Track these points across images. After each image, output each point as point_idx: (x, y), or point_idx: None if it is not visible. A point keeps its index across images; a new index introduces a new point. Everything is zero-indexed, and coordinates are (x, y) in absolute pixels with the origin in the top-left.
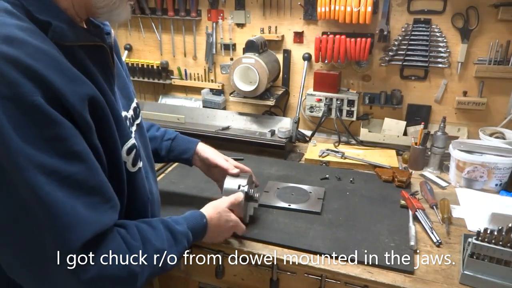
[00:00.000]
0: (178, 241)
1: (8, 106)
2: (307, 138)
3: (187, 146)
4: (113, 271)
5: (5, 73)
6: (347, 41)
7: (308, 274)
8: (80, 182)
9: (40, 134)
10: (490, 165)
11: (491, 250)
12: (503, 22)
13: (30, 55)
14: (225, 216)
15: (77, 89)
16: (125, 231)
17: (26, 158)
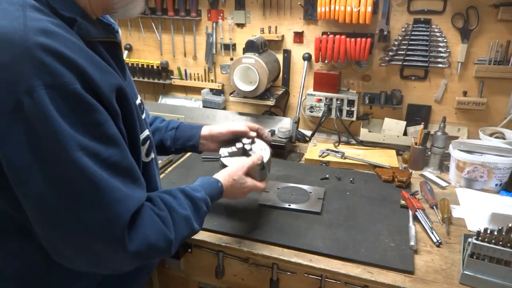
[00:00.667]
0: (198, 207)
1: (53, 94)
2: (307, 138)
3: (191, 132)
4: (153, 240)
5: (48, 63)
6: (347, 41)
7: (308, 274)
8: (116, 163)
9: (81, 120)
10: (490, 165)
11: (491, 250)
12: (503, 22)
13: (67, 47)
14: (240, 183)
15: (107, 79)
16: (151, 203)
17: (73, 141)
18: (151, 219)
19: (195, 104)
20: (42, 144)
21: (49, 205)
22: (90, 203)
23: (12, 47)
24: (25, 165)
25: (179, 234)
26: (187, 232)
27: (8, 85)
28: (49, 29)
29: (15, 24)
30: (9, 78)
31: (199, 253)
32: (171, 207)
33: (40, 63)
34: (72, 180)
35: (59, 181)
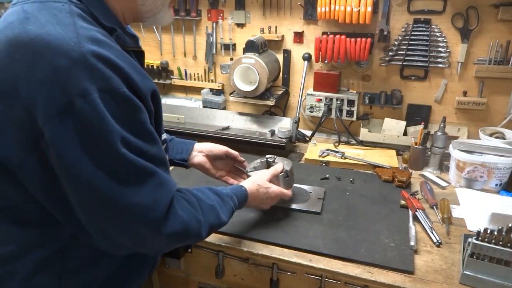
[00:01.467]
0: (225, 201)
1: (106, 97)
2: (307, 138)
3: (183, 146)
4: (187, 220)
5: (100, 69)
6: (347, 41)
7: (308, 274)
8: (155, 155)
9: (128, 119)
10: (490, 165)
11: (491, 250)
12: (503, 22)
13: (114, 55)
14: (264, 189)
15: (145, 83)
16: (179, 193)
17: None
18: (182, 203)
19: (195, 104)
20: (94, 141)
21: (98, 192)
22: (137, 187)
23: (68, 52)
24: (76, 160)
25: (207, 218)
26: (215, 220)
27: (62, 86)
28: (98, 38)
29: (68, 31)
30: (64, 80)
31: (199, 253)
32: (198, 196)
33: (94, 69)
34: (120, 170)
35: (108, 171)
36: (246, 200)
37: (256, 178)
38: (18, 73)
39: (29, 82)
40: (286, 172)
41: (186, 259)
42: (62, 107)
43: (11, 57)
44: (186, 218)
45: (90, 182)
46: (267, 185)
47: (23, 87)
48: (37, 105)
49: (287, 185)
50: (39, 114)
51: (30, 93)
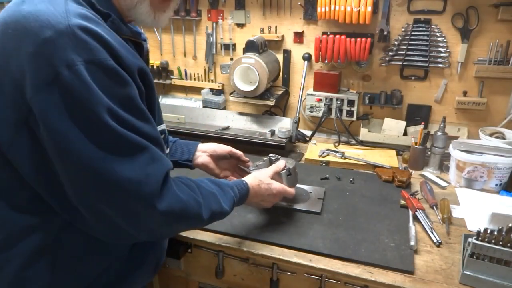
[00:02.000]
0: (225, 191)
1: (93, 68)
2: (307, 138)
3: (186, 147)
4: (184, 199)
5: (87, 41)
6: (347, 41)
7: (308, 274)
8: (147, 133)
9: (117, 92)
10: (490, 165)
11: (491, 250)
12: (503, 22)
13: (102, 30)
14: (265, 185)
15: (134, 61)
16: (178, 178)
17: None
18: (180, 185)
19: (195, 104)
20: (82, 112)
21: (88, 164)
22: (129, 160)
23: (55, 24)
24: (65, 131)
25: (207, 202)
26: (216, 206)
27: (49, 58)
28: (87, 15)
29: (57, 8)
30: (50, 52)
31: (199, 253)
32: (197, 183)
33: (80, 40)
34: (110, 142)
35: (97, 142)
36: (247, 195)
37: (258, 174)
38: (9, 48)
39: (18, 56)
40: (288, 169)
41: (186, 259)
42: (49, 79)
43: (3, 34)
44: (184, 198)
45: (80, 154)
46: (269, 181)
47: (13, 62)
48: (26, 79)
49: (290, 183)
50: (28, 87)
51: (19, 66)
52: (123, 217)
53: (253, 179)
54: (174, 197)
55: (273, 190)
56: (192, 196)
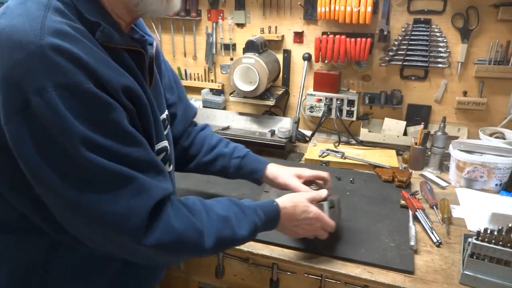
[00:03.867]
0: (246, 214)
1: (65, 94)
2: (307, 138)
3: (256, 166)
4: (180, 229)
5: (60, 63)
6: (347, 41)
7: (308, 274)
8: (137, 159)
9: (96, 118)
10: (490, 165)
11: (491, 250)
12: (503, 22)
13: (80, 49)
14: (303, 207)
15: (118, 79)
16: (185, 199)
17: (86, 140)
18: (181, 210)
19: (195, 104)
20: (53, 146)
21: (64, 199)
22: (110, 193)
23: (26, 45)
24: (36, 164)
25: (214, 229)
26: (226, 233)
27: (19, 83)
28: (65, 31)
29: (33, 23)
30: (19, 77)
31: None
32: (208, 206)
33: (52, 63)
34: (85, 175)
35: (72, 178)
36: (278, 217)
37: (294, 195)
38: None
39: None
40: (331, 201)
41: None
42: (18, 107)
43: None
44: (180, 227)
45: (54, 189)
46: (306, 204)
47: None
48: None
49: (331, 216)
50: (1, 114)
51: None
52: (111, 247)
53: (287, 200)
54: (166, 229)
55: (311, 213)
56: (191, 224)
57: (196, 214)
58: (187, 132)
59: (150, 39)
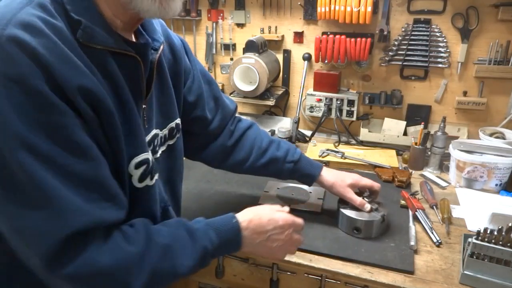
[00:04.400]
0: (195, 238)
1: (12, 88)
2: (307, 138)
3: (310, 172)
4: (105, 266)
5: (14, 55)
6: (347, 41)
7: (308, 274)
8: (79, 174)
9: (40, 119)
10: (490, 165)
11: (491, 250)
12: (503, 22)
13: (43, 45)
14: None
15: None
16: (129, 225)
17: (23, 140)
18: (112, 240)
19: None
20: None
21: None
22: (27, 210)
23: None
24: None
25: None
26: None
27: None
28: (31, 23)
29: (6, 14)
30: None
31: None
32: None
33: (6, 53)
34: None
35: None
36: (239, 236)
37: (255, 207)
38: None
39: None
40: (383, 216)
41: None
42: None
43: None
44: (105, 263)
45: None
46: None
47: None
48: None
49: (380, 232)
50: None
51: None
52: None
53: (249, 213)
54: (87, 262)
55: (279, 220)
56: (121, 259)
57: (134, 245)
58: (230, 130)
59: (156, 44)
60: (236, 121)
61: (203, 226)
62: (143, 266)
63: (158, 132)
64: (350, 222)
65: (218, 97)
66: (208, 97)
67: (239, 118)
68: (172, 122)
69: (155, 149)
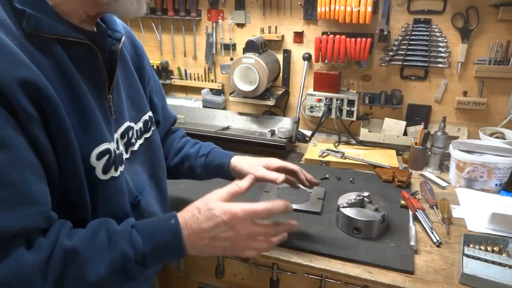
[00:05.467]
0: (113, 243)
1: None
2: (307, 138)
3: (221, 160)
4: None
5: None
6: (347, 41)
7: (308, 274)
8: None
9: None
10: (490, 165)
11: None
12: (503, 22)
13: None
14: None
15: (12, 71)
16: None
17: None
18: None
19: (195, 104)
20: None
21: None
22: None
23: None
24: None
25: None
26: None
27: None
28: None
29: None
30: None
31: None
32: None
33: None
34: None
35: None
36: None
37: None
38: None
39: None
40: (383, 216)
41: (186, 259)
42: None
43: None
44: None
45: None
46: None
47: None
48: None
49: (380, 232)
50: None
51: None
52: None
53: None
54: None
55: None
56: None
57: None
58: (165, 140)
59: (118, 35)
60: (170, 132)
61: (126, 228)
62: (45, 275)
63: (132, 125)
64: (350, 222)
65: (164, 106)
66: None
67: (173, 129)
68: (145, 114)
69: (130, 141)
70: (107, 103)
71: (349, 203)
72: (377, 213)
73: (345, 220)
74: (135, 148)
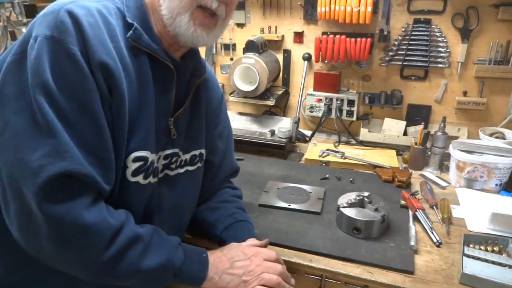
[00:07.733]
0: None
1: (54, 46)
2: (307, 138)
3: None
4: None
5: (65, 22)
6: (347, 41)
7: (308, 274)
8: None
9: (67, 78)
10: (490, 165)
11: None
12: (503, 22)
13: (87, 21)
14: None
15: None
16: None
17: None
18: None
19: None
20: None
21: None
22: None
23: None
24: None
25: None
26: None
27: (31, 29)
28: (89, 7)
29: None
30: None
31: None
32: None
33: (59, 21)
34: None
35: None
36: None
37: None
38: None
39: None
40: (383, 216)
41: None
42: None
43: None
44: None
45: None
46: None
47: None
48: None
49: (380, 232)
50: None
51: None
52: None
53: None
54: (73, 211)
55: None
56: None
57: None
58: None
59: (199, 73)
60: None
61: (175, 240)
62: (114, 241)
63: (179, 153)
64: (350, 222)
65: (228, 152)
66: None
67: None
68: (197, 150)
69: (170, 165)
70: (167, 121)
71: (349, 203)
72: (377, 213)
73: (345, 220)
74: (171, 173)
